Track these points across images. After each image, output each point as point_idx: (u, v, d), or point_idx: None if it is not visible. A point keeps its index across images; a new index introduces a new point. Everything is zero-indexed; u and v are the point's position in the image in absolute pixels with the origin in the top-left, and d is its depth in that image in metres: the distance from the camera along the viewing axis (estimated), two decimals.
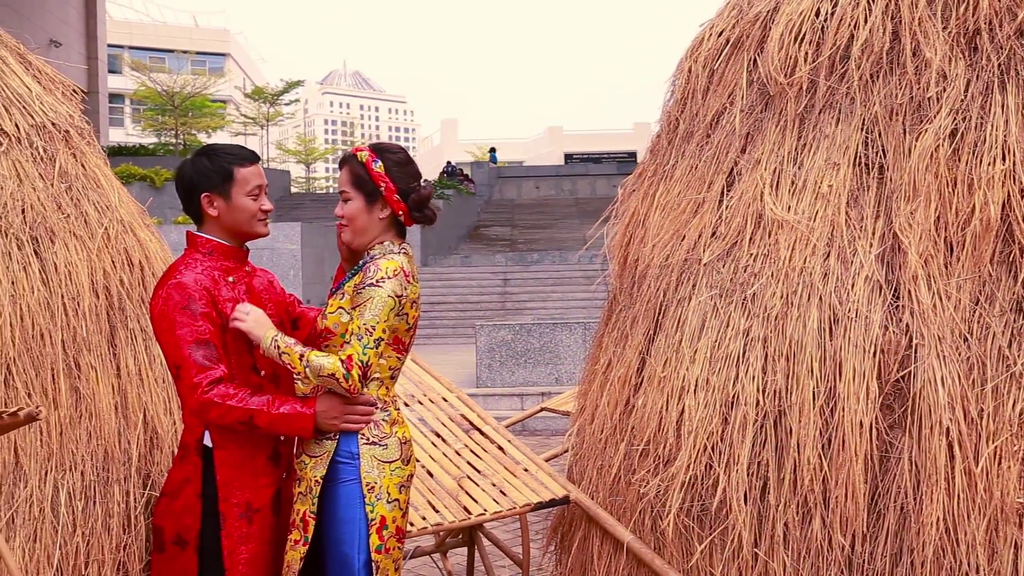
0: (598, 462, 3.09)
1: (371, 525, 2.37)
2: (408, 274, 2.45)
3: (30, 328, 3.22)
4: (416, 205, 2.51)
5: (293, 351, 2.37)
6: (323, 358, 2.35)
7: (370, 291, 2.37)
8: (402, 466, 2.46)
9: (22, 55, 3.78)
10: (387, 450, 2.43)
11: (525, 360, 9.79)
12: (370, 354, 2.34)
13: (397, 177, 2.49)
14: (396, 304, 2.38)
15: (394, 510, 2.42)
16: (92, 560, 3.18)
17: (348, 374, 2.32)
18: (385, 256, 2.47)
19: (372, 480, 2.39)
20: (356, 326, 2.35)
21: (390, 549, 2.41)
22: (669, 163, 3.23)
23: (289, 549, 2.43)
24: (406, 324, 2.46)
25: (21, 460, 3.13)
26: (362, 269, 2.46)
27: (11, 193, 3.37)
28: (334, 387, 2.36)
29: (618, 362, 3.15)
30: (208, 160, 2.53)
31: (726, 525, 2.56)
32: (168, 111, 35.43)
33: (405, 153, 2.57)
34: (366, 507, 2.38)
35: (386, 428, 2.44)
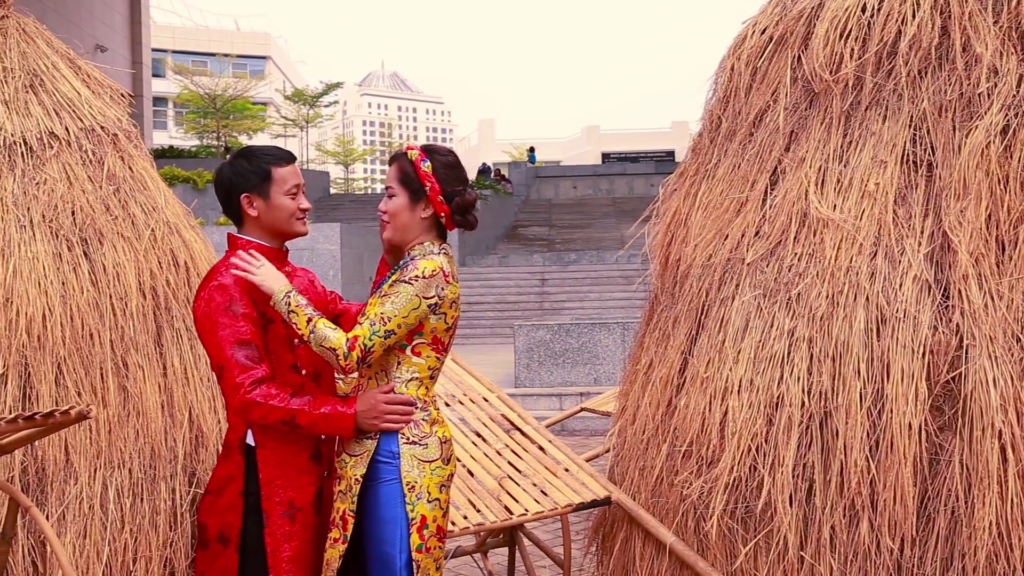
0: (640, 463, 3.07)
1: (411, 524, 2.38)
2: (448, 274, 2.46)
3: (80, 328, 3.29)
4: (459, 209, 2.51)
5: (302, 313, 2.38)
6: (330, 330, 2.36)
7: (400, 286, 2.38)
8: (442, 465, 2.46)
9: (72, 60, 3.85)
10: (427, 449, 2.44)
11: (563, 360, 9.77)
12: (376, 341, 2.35)
13: (444, 179, 2.50)
14: (421, 305, 2.39)
15: (435, 509, 2.42)
16: (140, 556, 3.23)
17: (348, 353, 2.34)
18: (425, 256, 2.48)
19: (412, 479, 2.40)
20: (373, 312, 2.37)
21: (431, 548, 2.41)
22: (711, 162, 3.20)
23: (328, 547, 2.45)
24: (445, 324, 2.47)
25: (71, 457, 3.19)
26: (401, 268, 2.48)
27: (61, 195, 3.44)
28: (331, 360, 2.37)
29: (660, 362, 3.13)
30: (246, 161, 2.56)
31: (771, 527, 2.53)
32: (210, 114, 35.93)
33: (455, 157, 2.57)
34: (406, 506, 2.39)
35: (426, 428, 2.45)
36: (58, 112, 3.62)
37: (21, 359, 3.17)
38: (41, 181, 3.43)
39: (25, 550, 3.03)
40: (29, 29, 3.76)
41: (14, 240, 3.28)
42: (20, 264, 3.25)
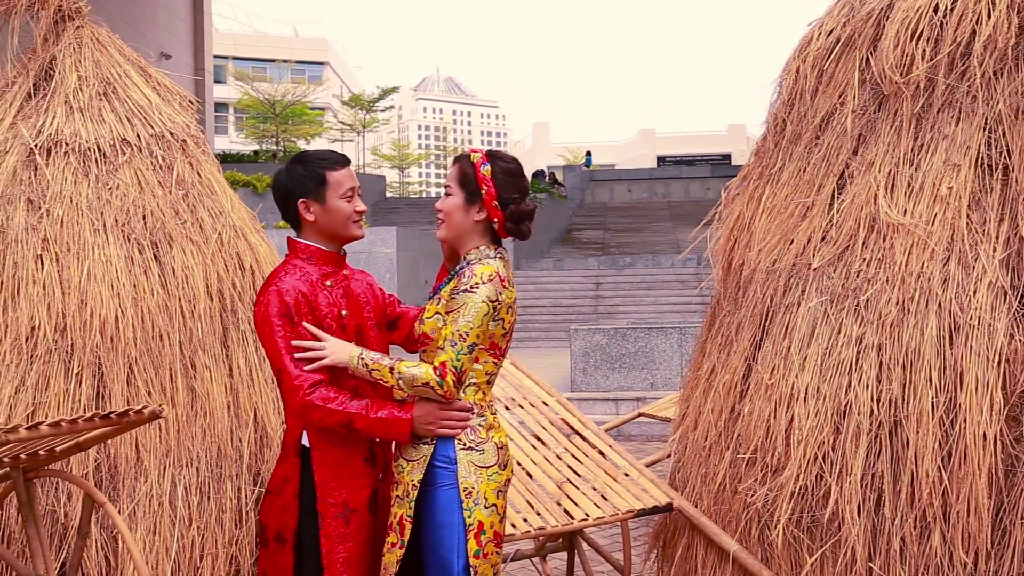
0: (702, 469, 3.04)
1: (468, 530, 2.38)
2: (504, 279, 2.46)
3: (150, 329, 3.37)
4: (513, 216, 2.51)
5: (382, 365, 2.40)
6: (414, 368, 2.38)
7: (464, 297, 2.39)
8: (499, 471, 2.46)
9: (143, 67, 3.95)
10: (484, 455, 2.44)
11: (620, 365, 9.72)
12: (464, 360, 2.36)
13: (501, 184, 2.50)
14: (490, 309, 2.40)
15: (492, 515, 2.42)
16: (206, 553, 3.30)
17: (442, 381, 2.35)
18: (481, 261, 2.48)
19: (469, 485, 2.40)
20: (449, 332, 2.37)
21: (488, 554, 2.41)
22: (775, 165, 3.16)
23: (386, 552, 2.46)
24: (502, 329, 2.47)
25: (142, 456, 3.27)
26: (458, 274, 2.48)
27: (133, 200, 3.53)
28: (429, 395, 2.38)
29: (722, 368, 3.09)
30: (302, 167, 2.59)
31: (838, 537, 2.48)
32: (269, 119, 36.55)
33: (518, 166, 2.56)
34: (463, 512, 2.39)
35: (483, 433, 2.46)
36: (130, 119, 3.71)
37: (95, 359, 3.26)
38: (114, 186, 3.52)
39: (98, 545, 3.11)
40: (102, 38, 3.87)
41: (88, 243, 3.38)
42: (94, 267, 3.34)
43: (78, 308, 3.28)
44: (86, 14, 3.87)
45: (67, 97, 3.63)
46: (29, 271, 3.28)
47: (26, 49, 3.76)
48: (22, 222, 3.36)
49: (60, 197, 3.42)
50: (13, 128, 3.56)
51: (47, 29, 3.75)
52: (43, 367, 3.19)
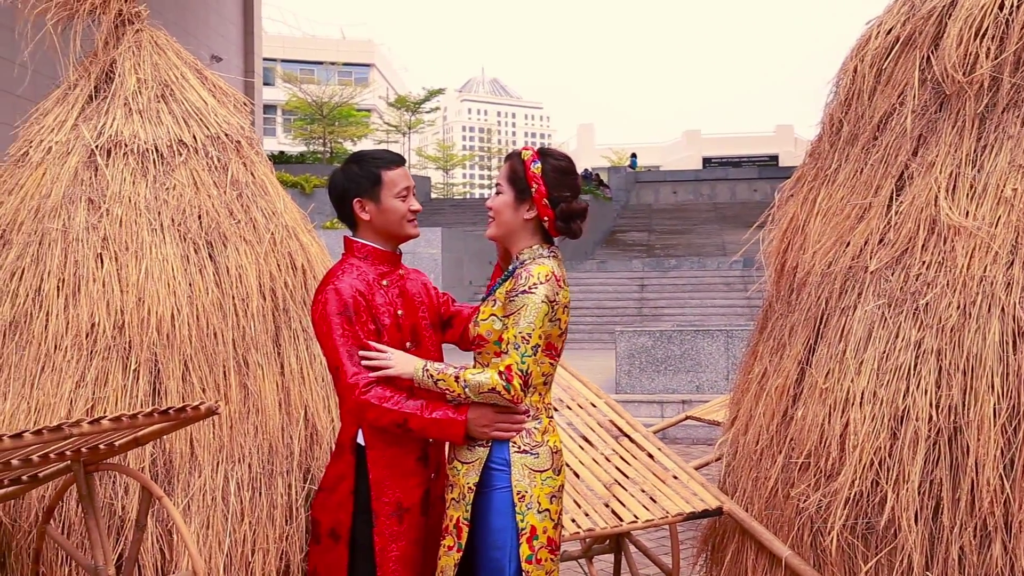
0: (753, 474, 3.00)
1: (521, 534, 2.36)
2: (559, 278, 2.44)
3: (205, 327, 3.42)
4: (563, 215, 2.48)
5: (447, 375, 2.39)
6: (480, 375, 2.36)
7: (523, 298, 2.37)
8: (553, 476, 2.44)
9: (199, 70, 4.02)
10: (538, 459, 2.42)
11: (665, 367, 9.66)
12: (528, 362, 2.35)
13: (552, 183, 2.48)
14: (549, 309, 2.38)
15: (545, 520, 2.40)
16: (257, 548, 3.34)
17: (509, 385, 2.33)
18: (535, 261, 2.47)
19: (523, 489, 2.39)
20: (512, 335, 2.35)
21: (541, 560, 2.38)
22: (831, 166, 3.11)
23: (443, 554, 2.46)
24: (559, 329, 2.46)
25: (196, 451, 3.33)
26: (513, 275, 2.46)
27: (189, 200, 3.59)
28: (497, 400, 2.37)
29: (775, 372, 3.05)
30: (357, 167, 2.62)
31: (895, 545, 2.44)
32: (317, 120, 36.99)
33: (570, 164, 2.54)
34: (516, 516, 2.38)
35: (538, 436, 2.44)
36: (186, 120, 3.78)
37: (152, 356, 3.32)
38: (171, 186, 3.59)
39: (153, 538, 3.17)
40: (160, 42, 3.95)
41: (146, 243, 3.44)
42: (151, 265, 3.41)
43: (136, 306, 3.34)
44: (145, 18, 3.94)
45: (126, 99, 3.71)
46: (89, 269, 3.36)
47: (87, 53, 3.85)
48: (83, 221, 3.43)
49: (119, 197, 3.50)
50: (75, 130, 3.65)
51: (108, 33, 3.84)
52: (102, 363, 3.26)
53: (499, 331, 2.42)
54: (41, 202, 3.50)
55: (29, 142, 3.70)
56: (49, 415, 3.17)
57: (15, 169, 3.67)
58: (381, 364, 2.44)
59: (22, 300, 3.32)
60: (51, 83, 3.89)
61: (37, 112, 3.80)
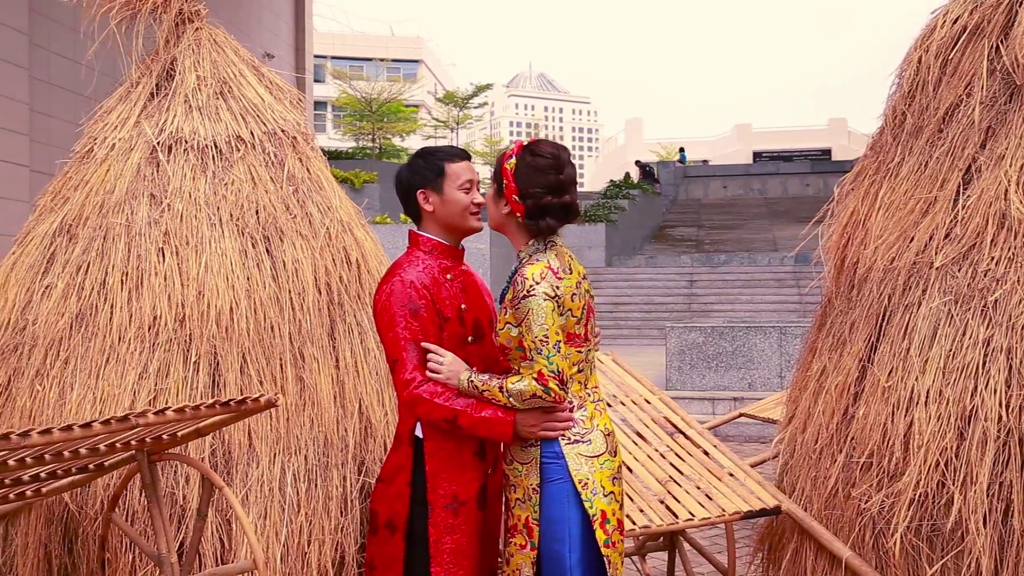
0: (812, 473, 2.96)
1: (593, 520, 2.38)
2: (557, 270, 2.42)
3: (262, 320, 3.47)
4: (530, 212, 2.46)
5: (491, 386, 2.42)
6: (520, 383, 2.38)
7: (526, 303, 2.38)
8: (610, 458, 2.46)
9: (256, 67, 4.07)
10: (592, 445, 2.43)
11: (717, 364, 9.55)
12: (556, 360, 2.36)
13: (522, 178, 2.46)
14: (555, 305, 2.38)
15: (612, 503, 2.42)
16: (313, 539, 3.38)
17: (547, 388, 2.35)
18: (530, 260, 2.47)
19: (584, 476, 2.40)
20: (530, 341, 2.37)
21: (616, 543, 2.42)
22: (894, 160, 3.04)
23: (515, 552, 2.47)
24: (573, 318, 2.45)
25: (254, 442, 3.37)
26: (511, 282, 2.47)
27: (247, 195, 3.64)
28: (541, 404, 2.39)
29: (834, 369, 3.00)
30: (422, 160, 2.67)
31: (962, 548, 2.38)
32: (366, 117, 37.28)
33: (553, 160, 2.47)
34: (584, 504, 2.38)
35: (587, 423, 2.45)
36: (244, 117, 3.83)
37: (211, 348, 3.37)
38: (229, 182, 3.64)
39: (213, 527, 3.23)
40: (219, 39, 4.00)
41: (206, 237, 3.50)
42: (211, 260, 3.46)
43: (196, 299, 3.39)
44: (204, 16, 4.01)
45: (186, 96, 3.77)
46: (152, 263, 3.42)
47: (149, 51, 3.92)
48: (145, 216, 3.50)
49: (180, 192, 3.56)
50: (137, 127, 3.72)
51: (168, 31, 3.90)
52: (164, 355, 3.32)
53: (517, 338, 2.43)
54: (105, 197, 3.57)
55: (93, 139, 3.78)
56: (113, 405, 3.24)
57: (80, 165, 3.75)
58: (433, 366, 2.47)
59: (88, 293, 3.40)
60: (113, 82, 3.97)
61: (101, 110, 3.88)
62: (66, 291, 3.44)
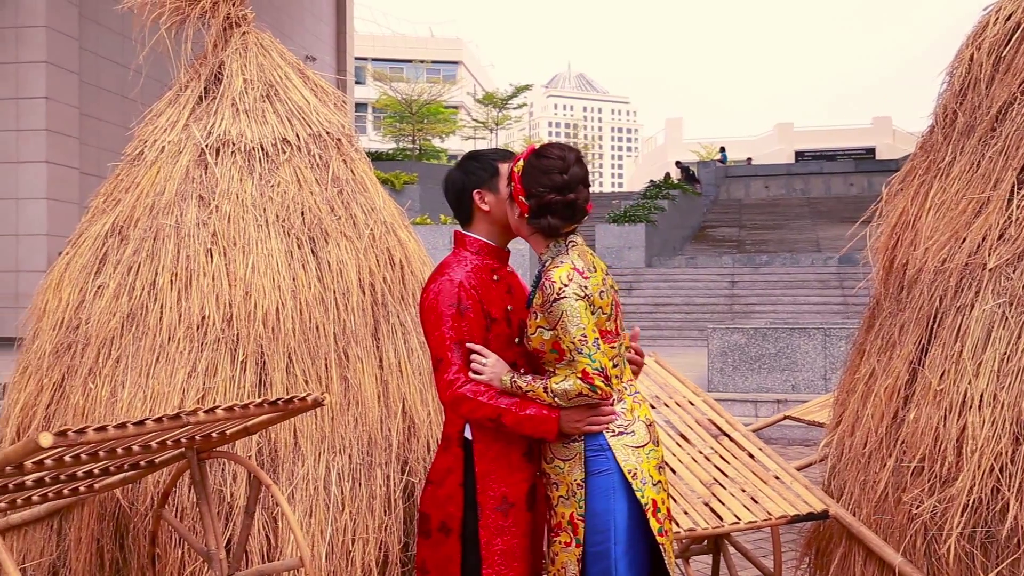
0: (860, 477, 2.91)
1: (646, 510, 2.39)
2: (581, 271, 2.42)
3: (307, 320, 3.50)
4: (534, 211, 2.47)
5: (535, 387, 2.43)
6: (565, 383, 2.39)
7: (557, 307, 2.38)
8: (654, 447, 2.47)
9: (301, 70, 4.12)
10: (635, 436, 2.44)
11: (760, 365, 9.45)
12: (598, 358, 2.36)
13: (528, 178, 2.48)
14: (587, 304, 2.39)
15: (660, 492, 2.43)
16: (357, 538, 3.41)
17: (593, 386, 2.36)
18: (554, 263, 2.47)
19: (632, 467, 2.40)
20: (568, 343, 2.37)
21: (667, 531, 2.43)
22: (944, 159, 2.99)
23: (560, 551, 2.47)
24: (604, 315, 2.45)
25: (299, 441, 3.41)
26: (539, 287, 2.47)
27: (292, 197, 3.68)
28: (587, 402, 2.40)
29: (883, 372, 2.96)
30: (475, 161, 2.69)
31: (1018, 556, 2.33)
32: (406, 118, 37.52)
33: (560, 162, 2.48)
34: (636, 493, 2.39)
35: (628, 415, 2.46)
36: (290, 119, 3.87)
37: (258, 348, 3.41)
38: (275, 184, 3.69)
39: (260, 524, 3.27)
40: (265, 43, 4.05)
41: (252, 238, 3.54)
42: (257, 260, 3.50)
43: (243, 299, 3.44)
44: (251, 20, 4.06)
45: (234, 100, 3.82)
46: (200, 264, 3.48)
47: (197, 55, 3.99)
48: (194, 218, 3.56)
49: (228, 194, 3.61)
50: (186, 130, 3.78)
51: (216, 36, 3.96)
52: (212, 355, 3.37)
53: (550, 341, 2.43)
54: (155, 199, 3.63)
55: (144, 142, 3.85)
56: (163, 404, 3.30)
57: (131, 168, 3.82)
58: (475, 367, 2.48)
59: (138, 293, 3.46)
60: (161, 86, 4.04)
61: (151, 113, 3.95)
62: (117, 291, 3.51)
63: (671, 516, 2.46)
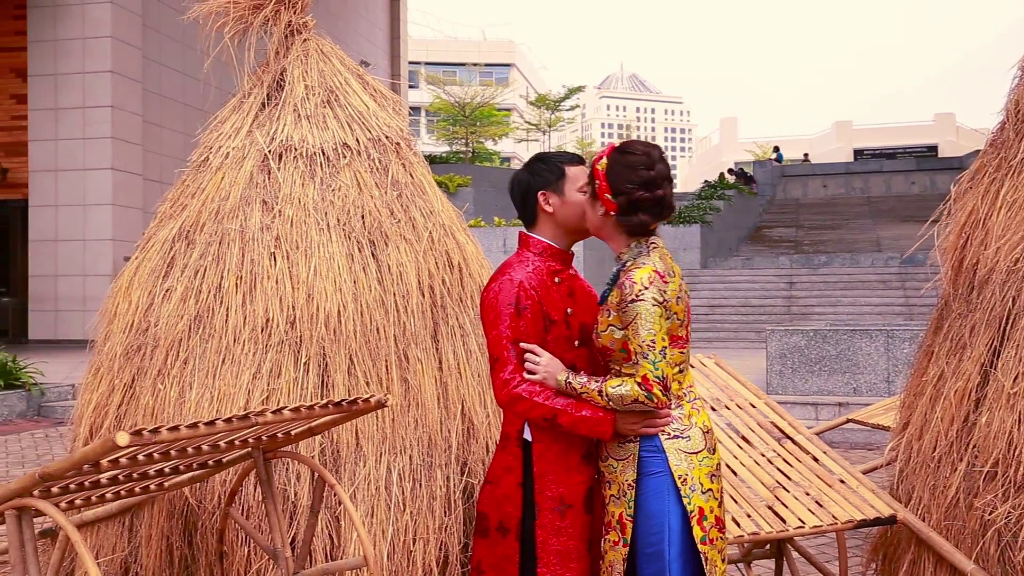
0: (930, 481, 2.85)
1: (691, 517, 2.37)
2: (663, 274, 2.41)
3: (368, 323, 3.55)
4: (623, 208, 2.45)
5: (590, 389, 2.42)
6: (621, 387, 2.37)
7: (634, 308, 2.36)
8: (709, 455, 2.44)
9: (361, 75, 4.17)
10: (691, 442, 2.42)
11: (820, 368, 9.28)
12: (661, 367, 2.35)
13: (615, 176, 2.46)
14: (663, 310, 2.37)
15: (710, 500, 2.40)
16: (418, 538, 3.43)
17: (650, 394, 2.34)
18: (636, 263, 2.45)
19: (683, 472, 2.39)
20: (636, 345, 2.36)
21: (713, 540, 2.39)
22: (1017, 156, 2.91)
23: (608, 550, 2.47)
24: (677, 321, 2.43)
25: (361, 442, 3.45)
26: (618, 284, 2.45)
27: (353, 200, 3.74)
28: (642, 409, 2.38)
29: (953, 375, 2.89)
30: (542, 163, 2.70)
31: None
32: (459, 121, 37.72)
33: (645, 157, 2.48)
34: (683, 499, 2.37)
35: (686, 420, 2.44)
36: (350, 124, 3.93)
37: (320, 350, 3.47)
38: (336, 188, 3.74)
39: (323, 523, 3.32)
40: (325, 49, 4.12)
41: (314, 242, 3.60)
42: (319, 264, 3.56)
43: (306, 302, 3.50)
44: (312, 27, 4.13)
45: (295, 106, 3.89)
46: (264, 267, 3.54)
47: (260, 63, 4.07)
48: (258, 222, 3.63)
49: (290, 198, 3.67)
50: (250, 136, 3.86)
51: (278, 43, 4.04)
52: (276, 356, 3.44)
53: (620, 340, 2.42)
54: (220, 204, 3.71)
55: (209, 148, 3.94)
56: (229, 404, 3.37)
57: (197, 174, 3.91)
58: (529, 366, 2.49)
59: (205, 296, 3.54)
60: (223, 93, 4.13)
61: (215, 120, 4.04)
62: (184, 294, 3.59)
63: (722, 525, 2.42)
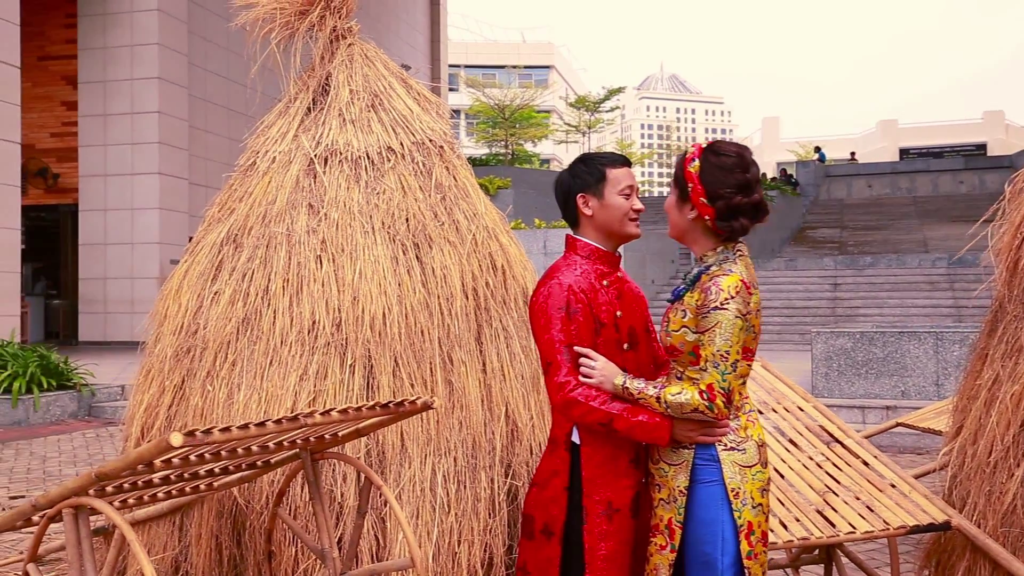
0: (985, 487, 2.79)
1: (740, 531, 2.35)
2: (748, 284, 2.36)
3: (413, 325, 3.57)
4: (722, 213, 2.38)
5: (648, 395, 2.38)
6: (680, 394, 2.34)
7: (715, 315, 2.32)
8: (761, 469, 2.41)
9: (404, 79, 4.20)
10: (746, 455, 2.39)
11: (867, 371, 9.13)
12: (730, 379, 2.31)
13: (710, 180, 2.39)
14: (744, 322, 2.32)
15: (758, 515, 2.38)
16: (463, 539, 3.44)
17: (712, 404, 2.31)
18: (722, 269, 2.39)
19: (736, 485, 2.36)
20: (709, 353, 2.32)
21: (758, 554, 2.37)
22: None
23: (654, 553, 2.46)
24: (753, 333, 2.40)
25: (406, 443, 3.47)
26: (701, 286, 2.40)
27: (397, 203, 3.76)
28: (700, 419, 2.35)
29: (1009, 378, 2.82)
30: (583, 164, 2.66)
31: None
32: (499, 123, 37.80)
33: (739, 159, 2.41)
34: (733, 513, 2.35)
35: (742, 433, 2.41)
36: (394, 128, 3.96)
37: (365, 352, 3.49)
38: (381, 191, 3.77)
39: (369, 524, 3.34)
40: (370, 54, 4.15)
41: (360, 244, 3.63)
42: (364, 266, 3.59)
43: (351, 304, 3.53)
44: (356, 32, 4.16)
45: (340, 110, 3.93)
46: (310, 270, 3.58)
47: (306, 68, 4.11)
48: (304, 225, 3.67)
49: (336, 202, 3.71)
50: (296, 140, 3.91)
51: (324, 48, 4.08)
52: (322, 358, 3.47)
53: (692, 342, 2.38)
54: (267, 208, 3.76)
55: (256, 153, 3.99)
56: (276, 406, 3.40)
57: (244, 178, 3.97)
58: (585, 371, 2.46)
59: (253, 299, 3.59)
60: (269, 98, 4.18)
61: (262, 125, 4.10)
62: (233, 297, 3.64)
63: (766, 539, 2.39)
